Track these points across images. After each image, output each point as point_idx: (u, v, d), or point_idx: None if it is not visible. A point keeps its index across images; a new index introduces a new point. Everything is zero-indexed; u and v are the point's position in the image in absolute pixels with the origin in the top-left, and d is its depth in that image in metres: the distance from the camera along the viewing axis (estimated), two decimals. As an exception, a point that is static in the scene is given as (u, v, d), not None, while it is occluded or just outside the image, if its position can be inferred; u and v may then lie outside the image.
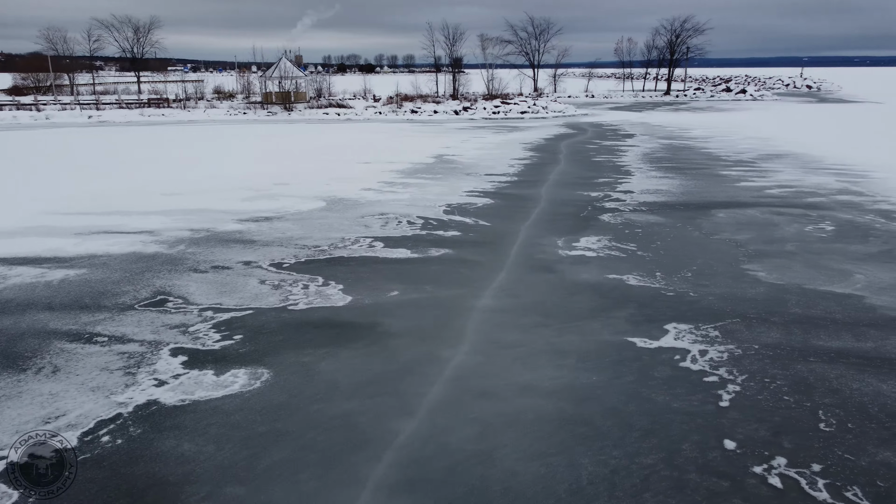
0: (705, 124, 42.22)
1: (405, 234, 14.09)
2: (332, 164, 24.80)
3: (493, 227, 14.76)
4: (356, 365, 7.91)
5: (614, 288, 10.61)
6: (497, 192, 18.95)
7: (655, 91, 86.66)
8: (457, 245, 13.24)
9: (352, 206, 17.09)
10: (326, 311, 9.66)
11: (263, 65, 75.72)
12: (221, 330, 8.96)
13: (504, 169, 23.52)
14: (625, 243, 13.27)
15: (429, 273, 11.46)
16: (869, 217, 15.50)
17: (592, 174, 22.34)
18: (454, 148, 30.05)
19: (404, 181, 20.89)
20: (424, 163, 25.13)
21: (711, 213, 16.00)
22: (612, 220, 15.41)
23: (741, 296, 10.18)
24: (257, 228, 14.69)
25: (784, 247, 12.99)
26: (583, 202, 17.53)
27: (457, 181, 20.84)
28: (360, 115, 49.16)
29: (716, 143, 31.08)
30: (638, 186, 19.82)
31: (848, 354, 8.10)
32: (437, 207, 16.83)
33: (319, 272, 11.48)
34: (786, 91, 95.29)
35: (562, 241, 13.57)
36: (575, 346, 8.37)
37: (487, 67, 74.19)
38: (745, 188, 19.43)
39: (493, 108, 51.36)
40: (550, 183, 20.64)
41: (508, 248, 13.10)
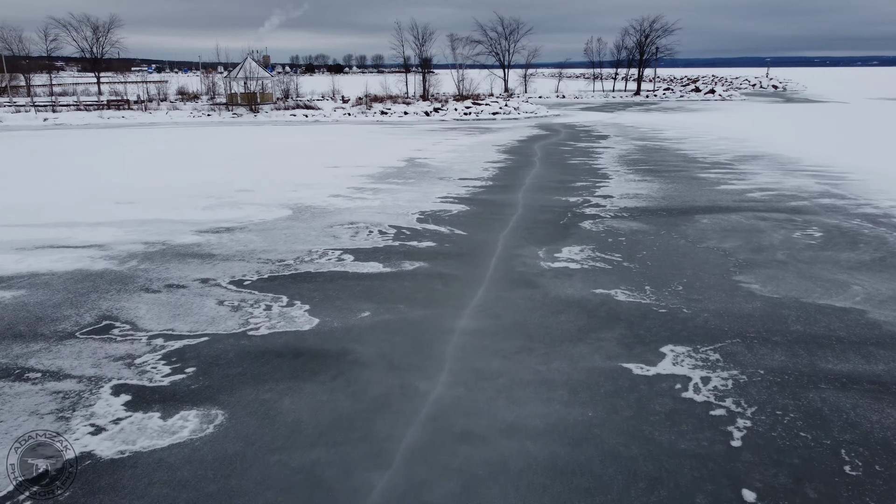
0: (677, 125, 42.01)
1: (376, 246, 13.22)
2: (299, 168, 23.78)
3: (470, 237, 13.97)
4: (322, 402, 7.04)
5: (602, 304, 9.89)
6: (472, 198, 18.17)
7: (625, 91, 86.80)
8: (432, 257, 12.42)
9: (319, 214, 16.16)
10: (290, 337, 8.76)
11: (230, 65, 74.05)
12: (172, 362, 8.01)
13: (478, 173, 22.76)
14: (609, 253, 12.58)
15: (402, 290, 10.61)
16: (855, 222, 15.05)
17: (569, 178, 21.69)
18: (426, 150, 29.22)
19: (375, 187, 19.99)
20: (395, 167, 24.25)
21: (695, 219, 15.41)
22: (593, 227, 14.72)
23: (737, 312, 9.53)
24: (217, 240, 13.69)
25: (774, 255, 12.42)
26: (561, 208, 16.83)
27: (430, 186, 20.02)
28: (328, 116, 48.03)
29: (690, 145, 30.72)
30: (616, 190, 19.20)
31: (860, 379, 7.46)
32: (409, 215, 15.98)
33: (284, 290, 10.56)
34: (753, 91, 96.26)
35: (542, 251, 12.83)
36: (564, 376, 7.60)
37: (457, 68, 73.48)
38: (726, 191, 18.93)
39: (464, 109, 50.63)
40: (527, 187, 19.92)
41: (486, 260, 12.32)
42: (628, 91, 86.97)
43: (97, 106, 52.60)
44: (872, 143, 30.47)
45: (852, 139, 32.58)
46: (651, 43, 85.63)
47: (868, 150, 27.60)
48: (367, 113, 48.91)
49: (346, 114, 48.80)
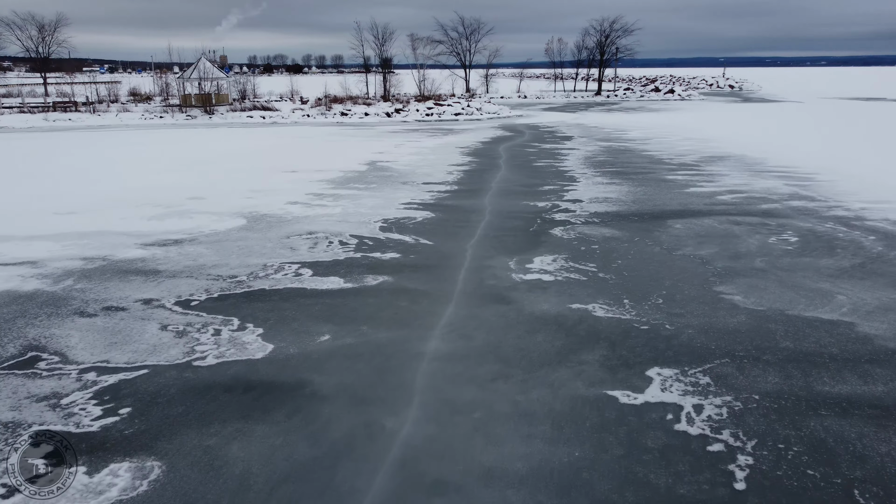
0: (640, 125, 41.93)
1: (337, 258, 12.38)
2: (255, 173, 22.73)
3: (437, 247, 13.22)
4: (276, 447, 6.21)
5: (580, 321, 9.24)
6: (437, 204, 17.42)
7: (586, 91, 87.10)
8: (396, 271, 11.63)
9: (276, 223, 15.22)
10: (241, 367, 7.89)
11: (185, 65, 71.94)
12: (104, 401, 7.08)
13: (442, 176, 22.03)
14: (583, 263, 11.97)
15: (365, 308, 9.81)
16: (829, 225, 14.75)
17: (536, 181, 21.11)
18: (388, 153, 28.38)
19: (335, 192, 19.10)
20: (357, 171, 23.37)
21: (668, 224, 14.93)
22: (564, 234, 14.11)
23: (722, 327, 8.98)
24: (164, 255, 12.68)
25: (752, 263, 11.95)
26: (531, 214, 16.20)
27: (393, 192, 19.21)
28: (286, 118, 46.74)
29: (655, 145, 30.49)
30: (585, 194, 18.67)
31: (860, 403, 6.94)
32: (372, 224, 15.16)
33: (235, 311, 9.67)
34: (710, 91, 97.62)
35: (514, 262, 12.15)
36: (545, 407, 6.91)
37: (418, 68, 72.69)
38: (696, 194, 18.55)
39: (426, 110, 49.86)
40: (493, 192, 19.26)
41: (455, 272, 11.58)
42: (589, 91, 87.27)
43: (43, 108, 50.35)
44: (833, 143, 30.66)
45: (813, 139, 32.79)
46: (611, 43, 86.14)
47: (830, 150, 27.69)
48: (326, 114, 47.77)
49: (305, 115, 47.58)
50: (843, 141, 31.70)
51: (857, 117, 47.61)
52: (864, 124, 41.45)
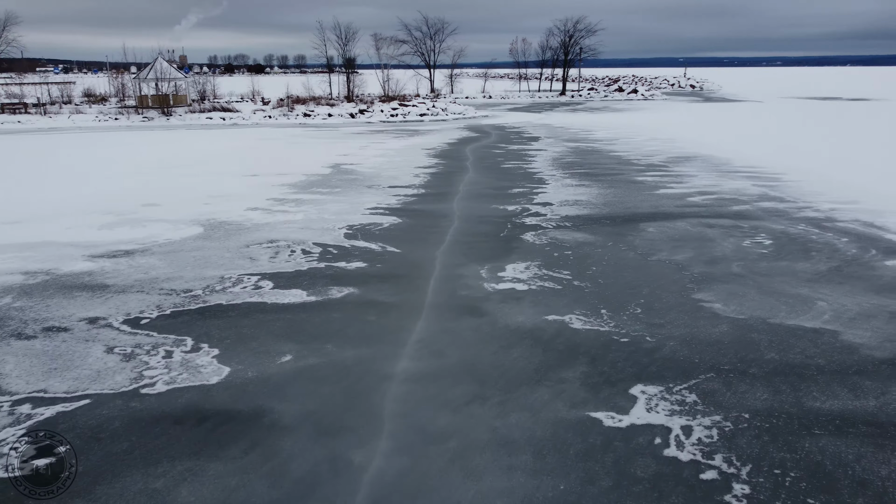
0: (606, 125, 41.93)
1: (299, 269, 11.74)
2: (214, 177, 21.87)
3: (405, 255, 12.67)
4: (231, 489, 5.61)
5: (557, 335, 8.79)
6: (404, 209, 16.86)
7: (551, 91, 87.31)
8: (363, 281, 11.05)
9: (235, 231, 14.50)
10: (194, 394, 7.25)
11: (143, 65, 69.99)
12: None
13: (409, 179, 21.47)
14: (557, 270, 11.54)
15: (330, 324, 9.22)
16: (801, 227, 14.60)
17: (505, 184, 20.69)
18: (352, 156, 27.71)
19: (297, 197, 18.40)
20: (320, 174, 22.67)
21: (640, 228, 14.62)
22: (536, 240, 13.68)
23: (705, 338, 8.62)
24: (113, 267, 11.89)
25: (729, 268, 11.67)
26: (501, 218, 15.74)
27: (358, 196, 18.59)
28: (247, 119, 45.62)
29: (622, 146, 30.37)
30: (555, 197, 18.29)
31: (854, 420, 6.60)
32: (336, 230, 14.54)
33: (189, 330, 8.99)
34: (672, 91, 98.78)
35: (485, 270, 11.67)
36: (526, 433, 6.43)
37: (382, 68, 71.93)
38: (667, 196, 18.32)
39: (390, 111, 49.19)
40: (462, 195, 18.77)
41: (425, 282, 11.05)
42: (554, 91, 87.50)
43: (-10, 110, 48.29)
44: (795, 143, 30.92)
45: (776, 139, 33.06)
46: (575, 43, 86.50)
47: (794, 150, 27.88)
48: (288, 115, 46.76)
49: (267, 116, 46.50)
50: (805, 140, 32.02)
51: (816, 117, 48.40)
52: (823, 124, 42.09)
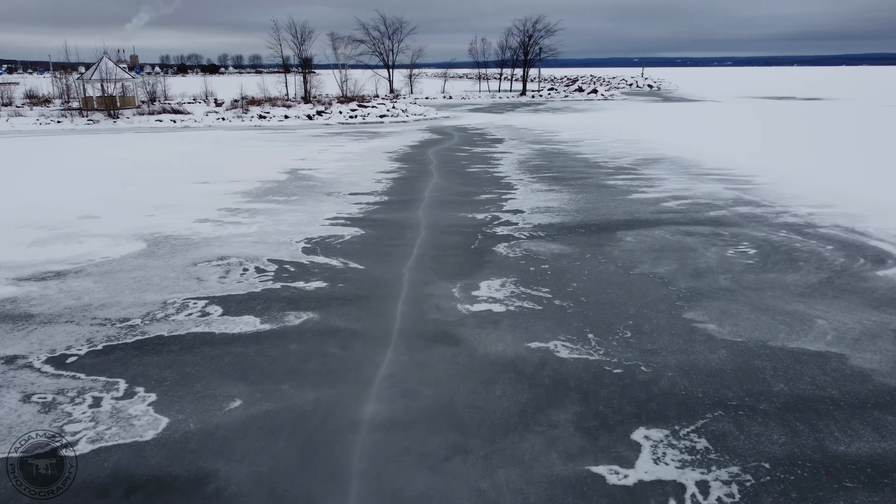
0: (569, 126, 41.42)
1: (252, 291, 10.62)
2: (161, 185, 20.45)
3: (369, 272, 11.63)
4: (163, 589, 4.53)
5: (542, 365, 7.89)
6: (367, 219, 15.79)
7: (511, 91, 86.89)
8: (323, 304, 9.99)
9: (181, 247, 13.26)
10: (123, 455, 6.12)
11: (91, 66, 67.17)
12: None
13: (370, 185, 20.39)
14: (535, 288, 10.65)
15: (286, 358, 8.15)
16: (783, 235, 14.02)
17: (471, 189, 19.77)
18: (310, 160, 26.47)
19: (251, 207, 17.18)
20: (276, 180, 21.42)
21: (618, 237, 13.85)
22: (509, 252, 12.78)
23: (704, 367, 7.81)
24: (41, 292, 10.58)
25: (717, 281, 10.95)
26: (470, 228, 14.81)
27: (316, 204, 17.44)
28: (199, 121, 43.79)
29: (588, 148, 29.77)
30: (525, 203, 17.45)
31: (886, 467, 5.84)
32: (293, 244, 13.42)
33: (123, 369, 7.82)
34: (630, 90, 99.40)
35: (457, 288, 10.72)
36: (518, 497, 5.49)
37: (340, 68, 70.43)
38: (640, 201, 17.64)
39: (349, 112, 47.90)
40: (427, 203, 17.78)
41: (392, 304, 10.04)
42: (514, 91, 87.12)
43: (-78, 112, 45.44)
44: (761, 144, 30.77)
45: (740, 138, 32.91)
46: (535, 43, 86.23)
47: (760, 151, 27.64)
48: (243, 117, 45.08)
49: (220, 118, 44.74)
50: (770, 141, 31.91)
51: (776, 117, 48.78)
52: (784, 124, 42.32)
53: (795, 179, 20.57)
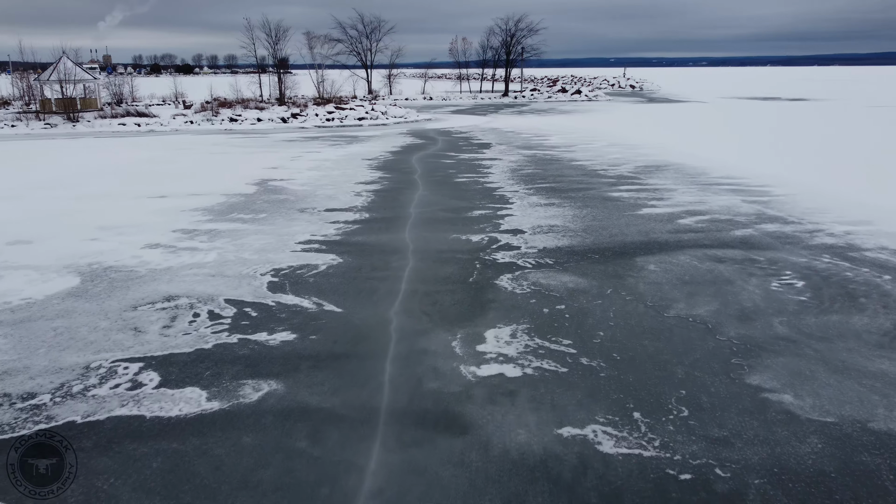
0: (558, 129, 39.54)
1: (201, 347, 8.47)
2: (112, 200, 18.14)
3: (348, 317, 9.52)
4: None
5: (582, 468, 5.86)
6: (345, 243, 13.67)
7: (493, 92, 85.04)
8: (290, 369, 7.88)
9: (122, 283, 11.05)
10: None
11: (54, 65, 64.00)
12: None
13: (349, 199, 18.26)
14: (553, 339, 8.63)
15: (236, 463, 6.03)
16: (827, 260, 12.16)
17: (463, 203, 17.72)
18: (283, 168, 24.24)
19: (212, 227, 14.97)
20: (243, 193, 19.20)
21: (638, 266, 11.89)
22: (516, 287, 10.75)
23: (799, 468, 5.83)
24: (-70, 353, 8.33)
25: (772, 327, 9.01)
26: (465, 254, 12.75)
27: (287, 224, 15.28)
28: (166, 125, 41.20)
29: (582, 154, 27.87)
30: (525, 221, 15.44)
31: None
32: (258, 278, 11.27)
33: (3, 490, 5.65)
34: (613, 91, 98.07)
35: (458, 340, 8.66)
36: None
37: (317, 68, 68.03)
38: (652, 218, 15.72)
39: (326, 115, 45.59)
40: (414, 221, 15.69)
41: (377, 367, 7.95)
42: (496, 92, 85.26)
43: None
44: (764, 148, 29.12)
45: (741, 143, 31.25)
46: (517, 43, 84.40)
47: (766, 156, 25.94)
48: (213, 120, 42.56)
49: (188, 122, 42.18)
50: (773, 146, 30.27)
51: (769, 119, 47.40)
52: (781, 127, 40.85)
53: (815, 190, 18.81)
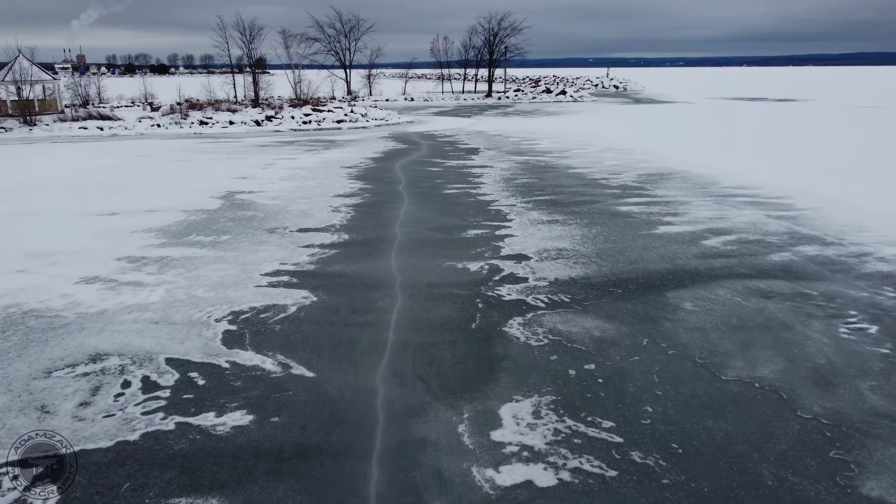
0: (548, 132, 37.64)
1: (124, 440, 6.34)
2: (52, 219, 15.85)
3: (321, 388, 7.44)
4: None
5: None
6: (320, 274, 11.56)
7: (476, 93, 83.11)
8: (242, 476, 5.78)
9: (39, 335, 8.86)
10: None
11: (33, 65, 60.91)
12: None
13: (325, 216, 16.15)
14: (589, 418, 6.63)
15: None
16: (890, 292, 10.29)
17: (454, 221, 15.68)
18: (253, 178, 22.02)
19: (164, 254, 12.78)
20: (205, 208, 17.00)
21: (671, 303, 9.94)
22: (530, 338, 8.73)
23: None
24: None
25: (864, 398, 7.08)
26: (464, 289, 10.71)
27: (253, 249, 13.14)
28: (130, 129, 38.65)
29: (578, 160, 25.95)
30: (528, 244, 13.45)
31: None
32: (211, 326, 9.14)
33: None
34: (597, 91, 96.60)
35: (466, 423, 6.63)
36: None
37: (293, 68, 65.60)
38: (672, 238, 13.80)
39: (302, 117, 43.28)
40: (400, 244, 13.62)
41: (360, 473, 5.87)
42: (479, 92, 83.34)
43: None
44: (770, 153, 27.42)
45: (744, 148, 29.54)
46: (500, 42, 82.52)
47: (776, 162, 24.21)
48: (181, 123, 40.06)
49: (155, 125, 39.64)
50: (775, 151, 28.58)
51: (763, 121, 45.93)
52: (777, 129, 39.29)
53: (841, 202, 17.04)
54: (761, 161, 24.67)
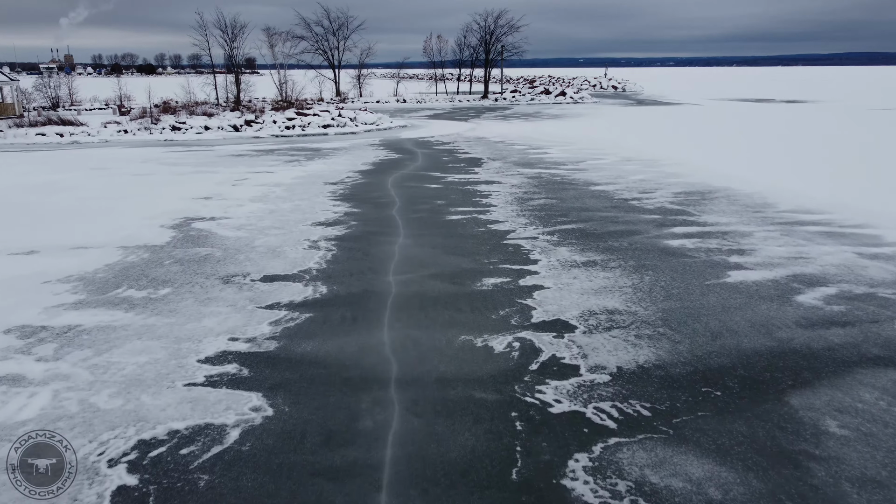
0: (555, 139, 34.31)
1: None
2: (-50, 262, 12.37)
3: None
4: None
5: None
6: (283, 360, 8.16)
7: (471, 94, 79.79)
8: None
9: None
10: None
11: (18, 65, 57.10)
12: None
13: (299, 255, 12.76)
14: None
15: None
16: None
17: (465, 263, 12.31)
18: (218, 198, 18.58)
19: (71, 323, 9.35)
20: (149, 244, 13.58)
21: (805, 424, 6.64)
22: (609, 500, 5.38)
23: None
24: None
25: None
26: (491, 395, 7.33)
27: (195, 314, 9.72)
28: (95, 135, 35.03)
29: (597, 173, 22.62)
30: (567, 303, 10.09)
31: None
32: (96, 479, 5.72)
33: None
34: (596, 92, 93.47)
35: None
36: None
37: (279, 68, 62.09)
38: (752, 292, 10.48)
39: (285, 122, 39.75)
40: (395, 302, 10.22)
41: None
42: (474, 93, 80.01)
43: None
44: (812, 163, 24.19)
45: (781, 157, 26.29)
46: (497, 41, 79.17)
47: (825, 176, 20.99)
48: (151, 129, 36.47)
49: (122, 131, 36.03)
50: (823, 161, 25.33)
51: (789, 126, 42.76)
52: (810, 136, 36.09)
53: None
54: (811, 175, 21.42)
